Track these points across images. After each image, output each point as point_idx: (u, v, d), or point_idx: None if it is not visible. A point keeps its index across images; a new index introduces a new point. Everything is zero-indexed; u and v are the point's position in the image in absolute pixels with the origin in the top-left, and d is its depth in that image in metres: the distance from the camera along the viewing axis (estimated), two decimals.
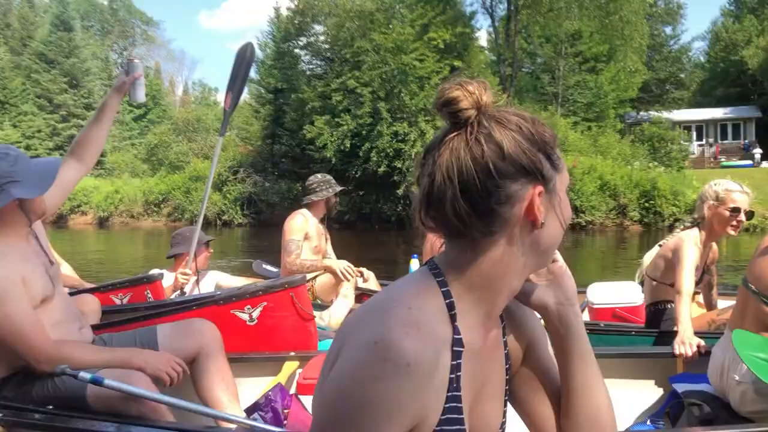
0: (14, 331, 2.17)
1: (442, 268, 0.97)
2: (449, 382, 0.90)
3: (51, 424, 2.09)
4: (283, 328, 2.94)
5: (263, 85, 28.55)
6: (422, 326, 0.86)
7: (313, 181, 4.60)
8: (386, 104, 22.29)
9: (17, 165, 2.24)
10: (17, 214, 2.28)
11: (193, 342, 2.48)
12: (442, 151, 0.95)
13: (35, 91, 38.74)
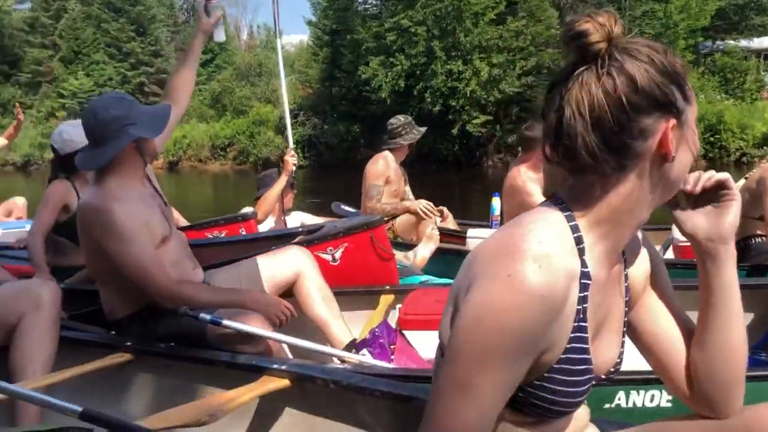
0: (140, 271, 2.26)
1: (569, 203, 0.97)
2: (576, 313, 0.92)
3: (174, 353, 2.23)
4: (365, 267, 3.05)
5: (320, 27, 28.61)
6: (553, 259, 0.87)
7: (396, 124, 4.57)
8: (440, 42, 22.03)
9: (133, 109, 2.35)
10: (135, 156, 2.38)
11: (292, 267, 2.59)
12: (571, 86, 0.93)
13: (105, 41, 39.79)
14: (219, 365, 2.10)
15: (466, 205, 12.52)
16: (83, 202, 2.38)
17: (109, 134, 2.29)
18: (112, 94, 2.45)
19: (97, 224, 2.27)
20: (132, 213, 2.29)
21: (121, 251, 2.24)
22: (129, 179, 2.39)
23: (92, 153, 2.35)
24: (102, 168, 2.34)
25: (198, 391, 2.14)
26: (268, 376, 1.94)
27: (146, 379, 2.29)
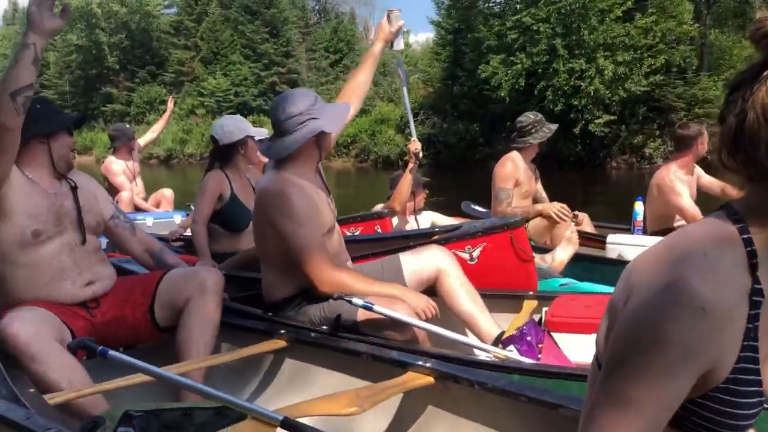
0: (307, 253, 2.39)
1: (743, 214, 0.89)
2: (746, 332, 0.85)
3: (325, 343, 2.31)
4: (503, 268, 3.03)
5: (443, 27, 28.79)
6: (719, 272, 0.82)
7: (525, 122, 4.43)
8: (563, 40, 21.59)
9: (316, 104, 2.50)
10: (313, 148, 2.53)
11: (433, 264, 2.64)
12: (757, 88, 0.86)
13: (241, 42, 42.00)
14: (366, 357, 2.14)
15: (588, 206, 12.23)
16: (262, 186, 2.54)
17: (294, 126, 2.45)
18: (299, 90, 2.63)
19: (273, 206, 2.42)
20: (306, 199, 2.44)
21: (293, 232, 2.38)
22: (304, 169, 2.54)
23: (277, 142, 2.50)
24: (283, 157, 2.51)
25: (344, 381, 2.20)
26: (413, 372, 1.96)
27: (297, 366, 2.39)
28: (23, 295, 2.29)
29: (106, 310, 2.43)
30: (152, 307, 2.43)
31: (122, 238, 2.66)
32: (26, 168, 2.34)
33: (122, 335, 2.42)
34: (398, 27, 2.96)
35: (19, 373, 2.04)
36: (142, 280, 2.55)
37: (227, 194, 3.73)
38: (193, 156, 38.25)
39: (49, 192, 2.37)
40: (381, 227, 4.31)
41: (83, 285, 2.38)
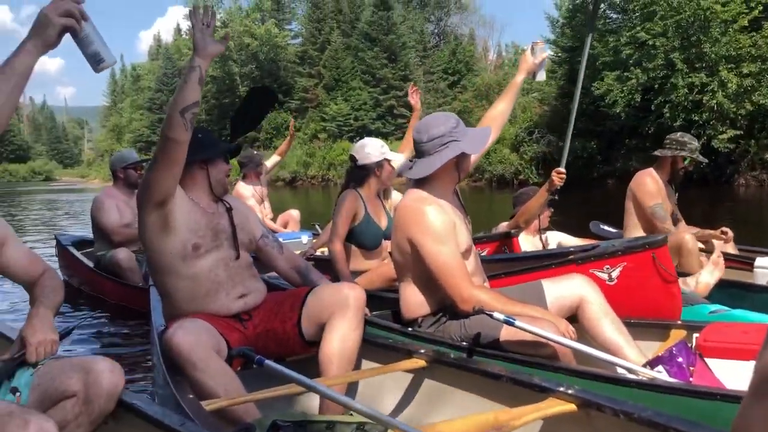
0: (448, 271, 2.40)
1: None
2: None
3: (464, 365, 2.26)
4: (645, 289, 2.88)
5: (559, 45, 28.62)
6: None
7: (672, 137, 4.42)
8: (681, 54, 20.90)
9: (459, 126, 2.54)
10: (453, 170, 2.56)
11: (576, 292, 2.57)
12: None
13: (361, 68, 43.63)
14: (506, 380, 2.08)
15: (715, 226, 11.83)
16: (403, 204, 2.57)
17: (436, 147, 2.51)
18: (442, 113, 2.67)
19: (414, 223, 2.46)
20: (445, 217, 2.46)
21: (434, 250, 2.41)
22: (444, 190, 2.58)
23: (418, 163, 2.56)
24: (423, 177, 2.55)
25: (482, 403, 2.17)
26: (554, 398, 1.89)
27: (435, 386, 2.37)
28: (185, 306, 2.44)
29: (258, 322, 2.52)
30: (299, 321, 2.49)
31: (271, 257, 2.76)
32: (187, 189, 2.50)
33: (272, 347, 2.49)
34: (542, 59, 3.01)
35: (181, 380, 2.14)
36: (290, 295, 2.61)
37: (361, 213, 3.81)
38: (315, 178, 40.07)
39: (207, 211, 2.52)
40: (509, 248, 4.24)
41: (236, 297, 2.49)
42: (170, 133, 2.19)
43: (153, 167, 2.29)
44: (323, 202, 25.59)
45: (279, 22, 49.22)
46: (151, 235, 2.41)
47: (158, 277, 2.49)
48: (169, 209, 2.36)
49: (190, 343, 2.16)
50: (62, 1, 1.63)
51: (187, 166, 2.36)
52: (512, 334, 2.33)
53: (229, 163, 2.64)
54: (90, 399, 1.77)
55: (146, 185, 2.33)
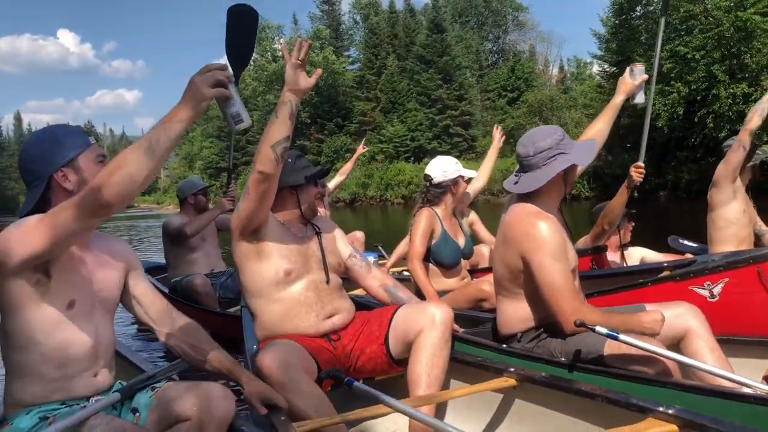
0: (557, 286, 2.31)
1: None
2: None
3: (556, 383, 2.15)
4: (750, 305, 2.75)
5: (605, 60, 28.92)
6: None
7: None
8: (722, 66, 21.08)
9: (564, 139, 2.48)
10: (560, 183, 2.49)
11: (683, 322, 2.42)
12: None
13: (416, 90, 44.67)
14: (601, 400, 1.97)
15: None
16: (514, 217, 2.47)
17: (543, 161, 2.45)
18: (546, 127, 2.59)
19: (527, 236, 2.37)
20: (559, 234, 2.39)
21: (547, 264, 2.32)
22: (551, 204, 2.52)
23: (525, 177, 2.49)
24: (530, 191, 2.48)
25: (576, 425, 2.09)
26: (653, 418, 1.80)
27: (527, 406, 2.30)
28: (276, 328, 2.47)
29: (346, 342, 2.52)
30: (387, 339, 2.48)
31: (360, 275, 2.74)
32: (278, 214, 2.55)
33: (360, 366, 2.50)
34: (641, 81, 2.96)
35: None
36: (377, 314, 2.59)
37: (438, 231, 3.78)
38: (374, 198, 41.26)
39: (297, 236, 2.54)
40: (597, 263, 4.13)
41: (326, 318, 2.50)
42: (262, 167, 2.22)
43: (246, 198, 2.32)
44: (382, 222, 26.50)
45: (337, 49, 50.86)
46: (244, 261, 2.47)
47: (251, 300, 2.52)
48: (261, 236, 2.42)
49: (281, 365, 2.16)
50: (212, 71, 1.67)
51: (278, 191, 2.40)
52: (616, 349, 2.27)
53: (318, 186, 2.67)
54: (203, 424, 1.79)
55: (240, 215, 2.37)
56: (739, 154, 3.83)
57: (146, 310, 2.10)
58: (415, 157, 42.68)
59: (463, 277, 3.92)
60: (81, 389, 1.87)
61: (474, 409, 2.44)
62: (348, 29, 57.00)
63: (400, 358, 2.48)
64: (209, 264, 5.21)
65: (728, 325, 2.65)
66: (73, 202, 1.65)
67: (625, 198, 3.80)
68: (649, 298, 2.74)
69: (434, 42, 44.44)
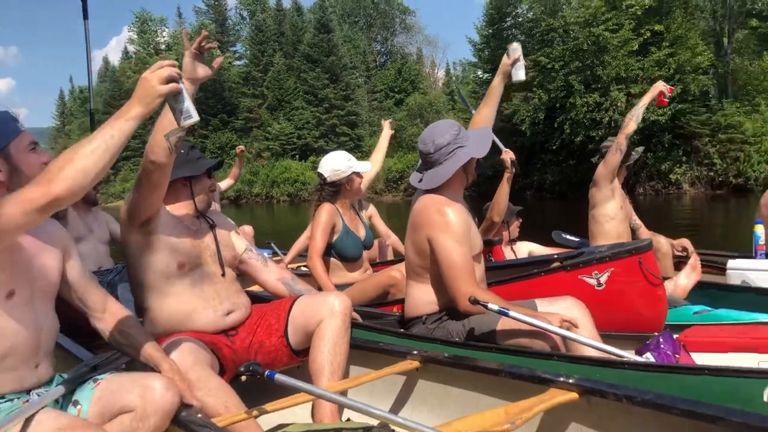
0: (455, 267, 2.44)
1: None
2: None
3: (459, 362, 2.22)
4: (632, 293, 2.93)
5: (478, 67, 30.54)
6: None
7: (609, 145, 4.39)
8: (578, 76, 23.03)
9: (461, 133, 2.58)
10: (461, 174, 2.59)
11: (568, 315, 2.53)
12: None
13: (303, 89, 45.00)
14: (504, 375, 2.07)
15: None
16: (422, 205, 2.59)
17: (444, 156, 2.55)
18: (443, 122, 2.69)
19: (435, 222, 2.50)
20: (464, 219, 2.53)
21: (450, 247, 2.46)
22: (456, 195, 2.63)
23: (429, 173, 2.61)
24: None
25: (481, 400, 2.14)
26: (555, 388, 1.90)
27: (432, 386, 2.34)
28: (170, 324, 2.38)
29: (245, 336, 2.49)
30: (286, 331, 2.49)
31: (256, 270, 2.71)
32: (171, 207, 2.46)
33: (260, 360, 2.44)
34: (514, 59, 3.02)
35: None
36: (275, 307, 2.58)
37: (340, 226, 3.79)
38: (259, 195, 41.26)
39: (191, 228, 2.46)
40: (493, 256, 4.28)
41: (224, 314, 2.45)
42: (154, 156, 2.11)
43: (136, 189, 2.24)
44: (268, 219, 26.71)
45: (222, 44, 50.29)
46: (135, 254, 2.37)
47: (142, 295, 2.42)
48: (152, 228, 2.33)
49: (187, 362, 2.12)
50: (163, 68, 1.68)
51: (170, 183, 2.31)
52: (507, 326, 2.39)
53: (212, 178, 2.59)
54: (147, 415, 1.78)
55: (130, 205, 2.28)
56: (617, 156, 4.12)
57: (80, 296, 2.05)
58: (301, 154, 43.03)
59: (365, 269, 3.97)
60: (22, 382, 1.83)
61: (378, 392, 2.47)
62: (234, 24, 56.56)
63: (300, 348, 2.50)
64: (97, 260, 4.95)
65: (613, 311, 2.87)
66: (20, 197, 1.61)
67: (507, 188, 4.03)
68: (541, 287, 2.94)
69: (321, 42, 44.90)
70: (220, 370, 2.31)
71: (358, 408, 1.92)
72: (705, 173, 23.54)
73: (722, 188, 23.14)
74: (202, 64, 2.17)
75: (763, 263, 3.97)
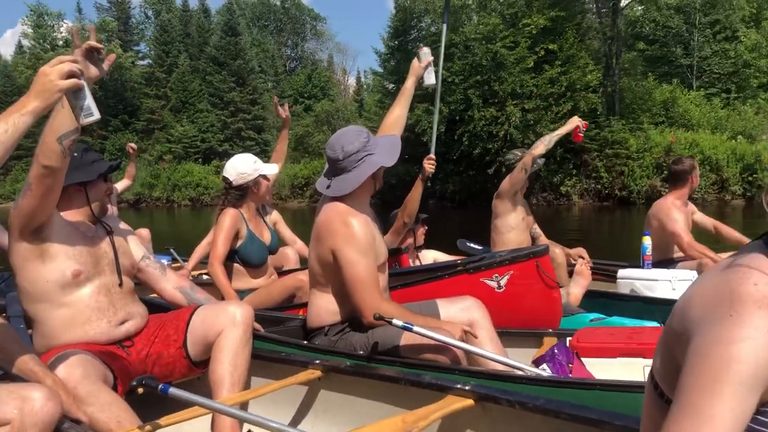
0: (359, 280, 2.42)
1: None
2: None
3: (360, 371, 2.27)
4: (529, 295, 3.06)
5: (385, 77, 31.11)
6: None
7: (512, 159, 4.54)
8: (476, 91, 23.93)
9: (370, 140, 2.54)
10: (369, 182, 2.56)
11: (467, 315, 2.62)
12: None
13: (209, 91, 44.13)
14: (404, 383, 2.11)
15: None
16: (327, 215, 2.55)
17: (353, 164, 2.51)
18: (352, 128, 2.64)
19: (339, 234, 2.46)
20: (369, 231, 2.49)
21: (354, 260, 2.43)
22: (363, 203, 2.60)
23: (337, 180, 2.56)
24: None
25: (382, 408, 2.18)
26: (452, 395, 1.95)
27: (334, 396, 2.37)
28: (61, 336, 2.27)
29: (141, 348, 2.42)
30: (185, 342, 2.43)
31: (153, 278, 2.64)
32: (65, 212, 2.35)
33: (158, 372, 2.40)
34: (427, 63, 3.07)
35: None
36: (173, 317, 2.51)
37: (244, 231, 3.71)
38: (160, 199, 40.08)
39: (87, 235, 2.36)
40: (399, 264, 4.30)
41: (118, 324, 2.36)
42: (45, 160, 2.01)
43: (27, 194, 2.11)
44: (169, 223, 26.06)
45: (125, 43, 48.73)
46: (24, 263, 2.23)
47: (32, 306, 2.29)
48: (45, 235, 2.21)
49: (76, 377, 2.04)
50: (64, 63, 1.63)
51: (64, 188, 2.21)
52: (411, 340, 2.40)
53: (108, 181, 2.50)
54: (24, 428, 1.69)
55: (20, 212, 2.15)
56: (522, 175, 4.31)
57: None
58: (204, 158, 42.21)
59: (270, 275, 3.92)
60: None
61: (280, 403, 2.46)
62: (138, 23, 54.88)
63: (200, 359, 2.44)
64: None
65: (512, 312, 2.99)
66: None
67: (420, 189, 3.99)
68: (445, 289, 2.99)
69: (228, 44, 44.19)
70: (114, 383, 2.21)
71: (256, 421, 1.90)
72: (593, 186, 24.92)
73: (608, 200, 24.60)
74: (92, 64, 2.02)
75: (649, 273, 4.16)
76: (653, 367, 1.01)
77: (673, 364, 0.94)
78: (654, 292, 3.93)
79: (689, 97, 29.23)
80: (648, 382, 1.03)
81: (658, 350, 1.00)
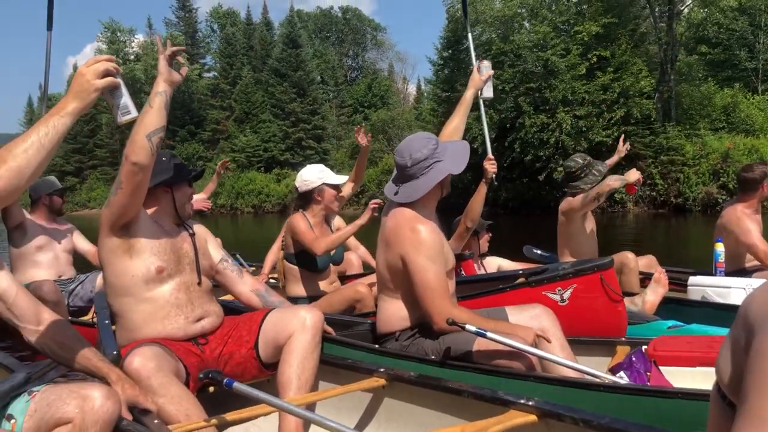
0: (430, 286, 2.42)
1: None
2: None
3: (424, 381, 2.27)
4: (593, 309, 3.00)
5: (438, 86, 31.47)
6: None
7: (574, 167, 4.48)
8: (527, 98, 24.07)
9: (438, 147, 2.55)
10: (437, 189, 2.56)
11: (537, 323, 2.58)
12: None
13: (271, 102, 45.34)
14: (467, 395, 2.10)
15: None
16: (396, 222, 2.56)
17: (421, 171, 2.52)
18: (421, 135, 2.65)
19: (408, 239, 2.47)
20: (438, 237, 2.51)
21: (424, 266, 2.43)
22: (430, 209, 2.61)
23: (405, 187, 2.57)
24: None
25: (444, 419, 2.19)
26: (515, 410, 1.93)
27: (397, 404, 2.38)
28: (141, 330, 2.37)
29: (215, 346, 2.49)
30: (257, 344, 2.49)
31: (231, 281, 2.72)
32: (152, 212, 2.47)
33: (229, 371, 2.45)
34: (487, 76, 3.13)
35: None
36: (247, 319, 2.59)
37: None
38: (224, 207, 41.35)
39: (171, 234, 2.47)
40: (464, 269, 4.28)
41: (194, 321, 2.45)
42: (134, 157, 2.13)
43: (117, 191, 2.23)
44: (233, 230, 27.03)
45: (192, 56, 50.61)
46: (112, 257, 2.36)
47: (117, 299, 2.41)
48: (132, 231, 2.34)
49: (149, 369, 2.12)
50: (99, 63, 1.68)
51: (151, 189, 2.34)
52: (484, 346, 2.41)
53: (192, 186, 2.61)
54: (86, 426, 1.72)
55: (111, 208, 2.27)
56: (593, 204, 4.28)
57: (9, 307, 1.94)
58: (266, 167, 43.43)
59: (332, 281, 4.01)
60: None
61: (344, 409, 2.49)
62: (204, 37, 56.97)
63: (270, 362, 2.50)
64: (58, 269, 4.81)
65: (575, 326, 2.91)
66: None
67: (483, 193, 3.96)
68: (509, 302, 2.94)
69: (289, 56, 45.35)
70: (186, 378, 2.29)
71: (320, 422, 1.93)
72: (648, 193, 24.55)
73: (663, 207, 24.16)
74: (172, 69, 2.25)
75: (722, 280, 4.07)
76: (717, 375, 0.97)
77: (737, 372, 0.91)
78: (728, 300, 3.84)
79: (753, 101, 28.38)
80: (713, 391, 0.98)
81: (721, 356, 0.96)
